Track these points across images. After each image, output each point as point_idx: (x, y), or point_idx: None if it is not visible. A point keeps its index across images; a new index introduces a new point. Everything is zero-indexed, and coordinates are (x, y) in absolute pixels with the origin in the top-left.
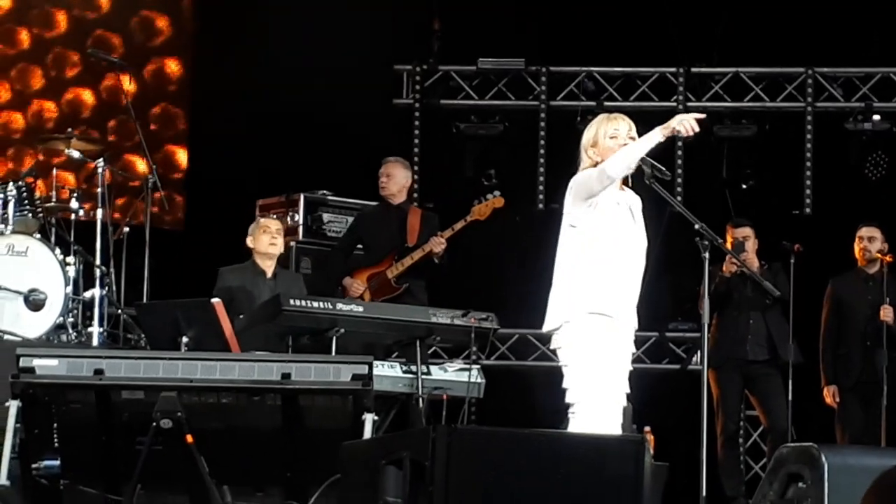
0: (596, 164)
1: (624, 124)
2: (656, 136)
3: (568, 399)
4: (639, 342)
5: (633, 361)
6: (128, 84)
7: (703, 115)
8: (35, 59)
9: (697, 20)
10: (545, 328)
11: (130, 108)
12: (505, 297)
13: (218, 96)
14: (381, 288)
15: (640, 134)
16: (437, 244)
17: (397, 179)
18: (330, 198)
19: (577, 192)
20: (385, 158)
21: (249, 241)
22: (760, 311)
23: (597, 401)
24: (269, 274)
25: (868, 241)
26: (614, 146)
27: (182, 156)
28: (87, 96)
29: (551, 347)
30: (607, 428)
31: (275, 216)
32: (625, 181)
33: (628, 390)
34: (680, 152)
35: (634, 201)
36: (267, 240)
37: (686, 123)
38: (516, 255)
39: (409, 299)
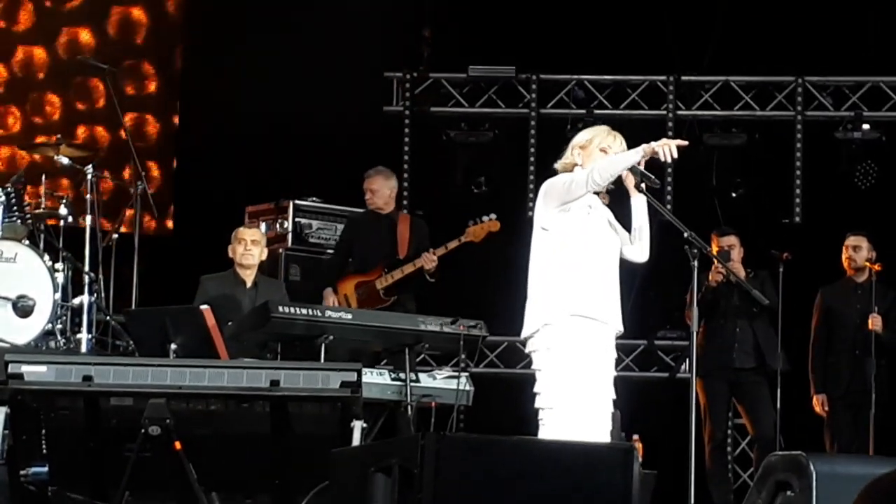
0: (575, 165)
1: (619, 145)
2: (638, 154)
3: (538, 404)
4: (627, 350)
5: (622, 369)
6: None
7: (685, 143)
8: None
9: (688, 28)
10: (523, 334)
11: (120, 115)
12: (494, 304)
13: (207, 102)
14: (370, 298)
15: (627, 142)
16: (429, 261)
17: (382, 192)
18: (319, 205)
19: (553, 195)
20: (366, 172)
21: (230, 251)
22: (747, 319)
23: (571, 407)
24: (249, 283)
25: (854, 251)
26: (599, 158)
27: (168, 163)
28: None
29: (527, 351)
30: (583, 434)
31: (258, 225)
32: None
33: (614, 396)
34: (670, 160)
35: (603, 209)
36: (241, 250)
37: (666, 148)
38: (505, 262)
39: (398, 310)
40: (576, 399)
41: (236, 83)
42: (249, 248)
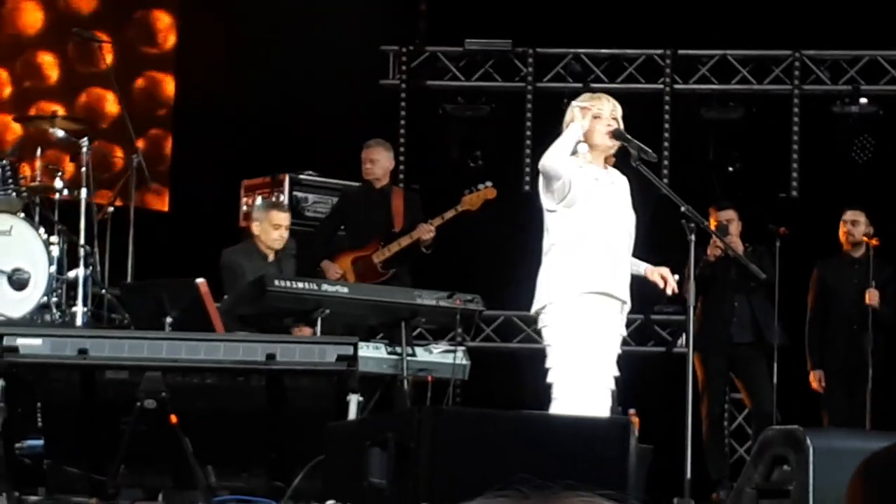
0: (580, 143)
1: (608, 104)
2: (577, 126)
3: (550, 379)
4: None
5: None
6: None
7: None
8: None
9: (685, 1)
10: (533, 308)
11: (115, 88)
12: (490, 278)
13: (203, 76)
14: (367, 272)
15: (625, 116)
16: (426, 231)
17: (382, 163)
18: (315, 178)
19: (543, 181)
20: (366, 142)
21: (255, 228)
22: (745, 293)
23: (581, 382)
24: (272, 257)
25: (852, 225)
26: (599, 127)
27: (166, 137)
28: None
29: (538, 327)
30: (591, 409)
31: (285, 204)
32: (608, 160)
33: (617, 373)
34: (667, 134)
35: (619, 179)
36: (275, 234)
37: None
38: (501, 237)
39: (394, 284)
40: (585, 374)
41: (232, 57)
42: (284, 233)
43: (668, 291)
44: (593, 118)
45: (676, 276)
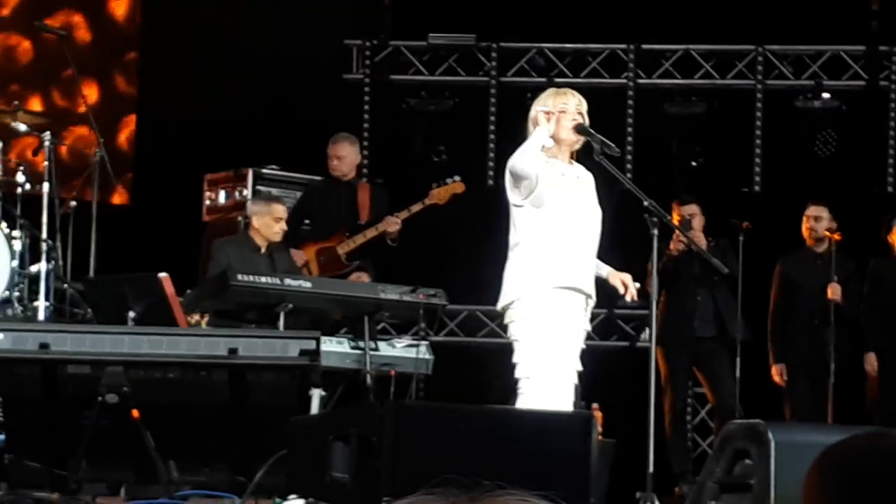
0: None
1: (573, 99)
2: (544, 130)
3: (518, 374)
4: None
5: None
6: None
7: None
8: None
9: None
10: (499, 304)
11: (77, 80)
12: (454, 273)
13: (165, 70)
14: (331, 263)
15: (588, 111)
16: (392, 224)
17: (349, 159)
18: (279, 173)
19: (510, 178)
20: (333, 137)
21: (256, 221)
22: (708, 288)
23: (547, 377)
24: (264, 249)
25: (815, 221)
26: (565, 122)
27: (127, 131)
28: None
29: (504, 322)
30: (557, 404)
31: (283, 200)
32: (573, 154)
33: (580, 368)
34: (630, 129)
35: (584, 174)
36: (278, 228)
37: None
38: (465, 231)
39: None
40: (552, 369)
41: (195, 51)
42: (283, 226)
43: (628, 298)
44: (559, 112)
45: (637, 285)
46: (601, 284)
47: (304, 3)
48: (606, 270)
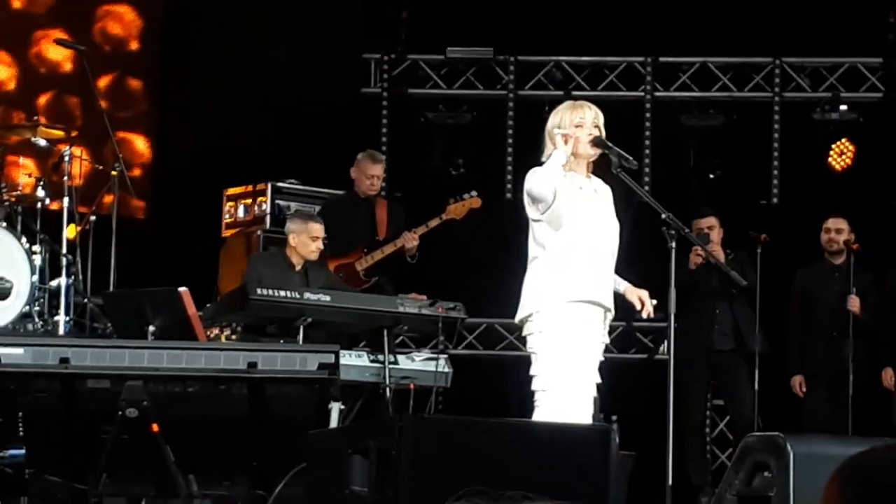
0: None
1: (590, 112)
2: (561, 153)
3: (535, 386)
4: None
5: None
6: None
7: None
8: None
9: (666, 9)
10: (518, 316)
11: (97, 96)
12: (472, 286)
13: (184, 84)
14: (349, 280)
15: (606, 124)
16: (410, 240)
17: (380, 178)
18: (297, 187)
19: (528, 197)
20: (371, 155)
21: (293, 240)
22: (727, 301)
23: (565, 389)
24: (299, 267)
25: (835, 233)
26: (582, 136)
27: (143, 144)
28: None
29: (523, 335)
30: (574, 416)
31: (319, 219)
32: (590, 166)
33: (599, 380)
34: (647, 142)
35: (602, 187)
36: (314, 247)
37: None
38: (483, 244)
39: (377, 292)
40: (570, 382)
41: (214, 65)
42: (321, 245)
43: (644, 315)
44: (576, 126)
45: (654, 301)
46: (619, 298)
47: (323, 17)
48: (624, 286)
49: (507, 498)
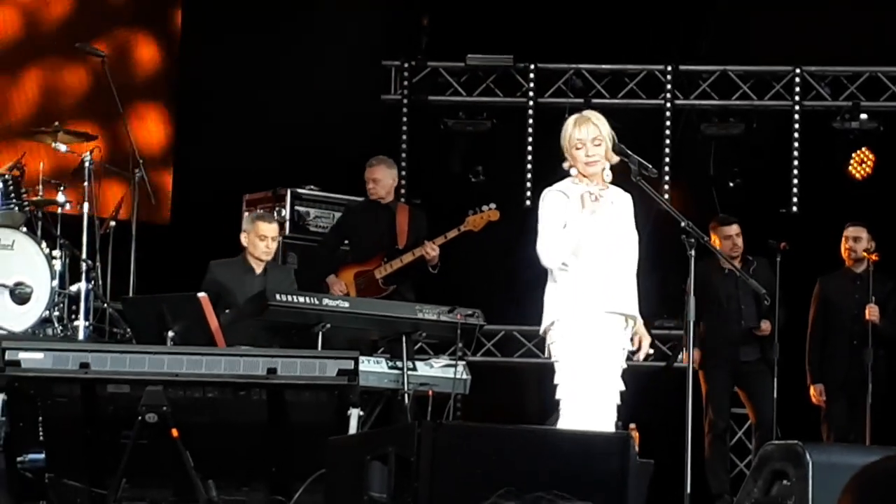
0: (571, 167)
1: (590, 130)
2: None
3: (558, 395)
4: None
5: None
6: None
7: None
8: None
9: (687, 17)
10: (542, 327)
11: (118, 102)
12: (491, 293)
13: (205, 90)
14: (369, 287)
15: (626, 131)
16: (429, 249)
17: (384, 182)
18: (317, 193)
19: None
20: (369, 161)
21: (244, 239)
22: (749, 309)
23: (587, 397)
24: (259, 270)
25: (854, 241)
26: (580, 157)
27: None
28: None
29: (547, 344)
30: (597, 424)
31: (274, 218)
32: (601, 176)
33: (623, 387)
34: (667, 150)
35: (619, 197)
36: (262, 246)
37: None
38: (503, 252)
39: (397, 299)
40: (591, 390)
41: (235, 71)
42: (270, 245)
43: (635, 358)
44: (575, 150)
45: (652, 351)
46: (640, 308)
47: (343, 23)
48: (639, 323)
49: (541, 498)
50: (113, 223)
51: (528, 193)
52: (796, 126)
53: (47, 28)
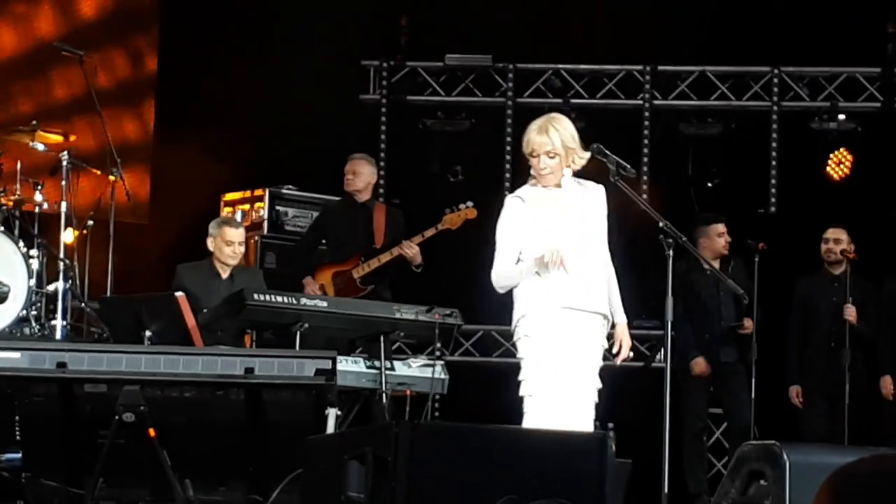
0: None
1: (542, 141)
2: (531, 267)
3: (521, 391)
4: None
5: None
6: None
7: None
8: None
9: (666, 18)
10: (512, 323)
11: (96, 101)
12: (469, 293)
13: (184, 90)
14: (347, 287)
15: (604, 131)
16: (407, 248)
17: (364, 176)
18: (295, 193)
19: None
20: (351, 155)
21: (210, 244)
22: (728, 310)
23: (550, 395)
24: (225, 275)
25: (834, 243)
26: (535, 165)
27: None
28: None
29: (513, 341)
30: (563, 422)
31: (239, 223)
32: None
33: (599, 385)
34: (646, 150)
35: (574, 192)
36: (228, 251)
37: (556, 258)
38: (481, 251)
39: (374, 299)
40: (553, 387)
41: (213, 72)
42: (236, 250)
43: (616, 360)
44: (531, 157)
45: (631, 354)
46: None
47: (322, 23)
48: (621, 322)
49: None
50: (91, 222)
51: (507, 193)
52: (774, 126)
53: (32, 32)
